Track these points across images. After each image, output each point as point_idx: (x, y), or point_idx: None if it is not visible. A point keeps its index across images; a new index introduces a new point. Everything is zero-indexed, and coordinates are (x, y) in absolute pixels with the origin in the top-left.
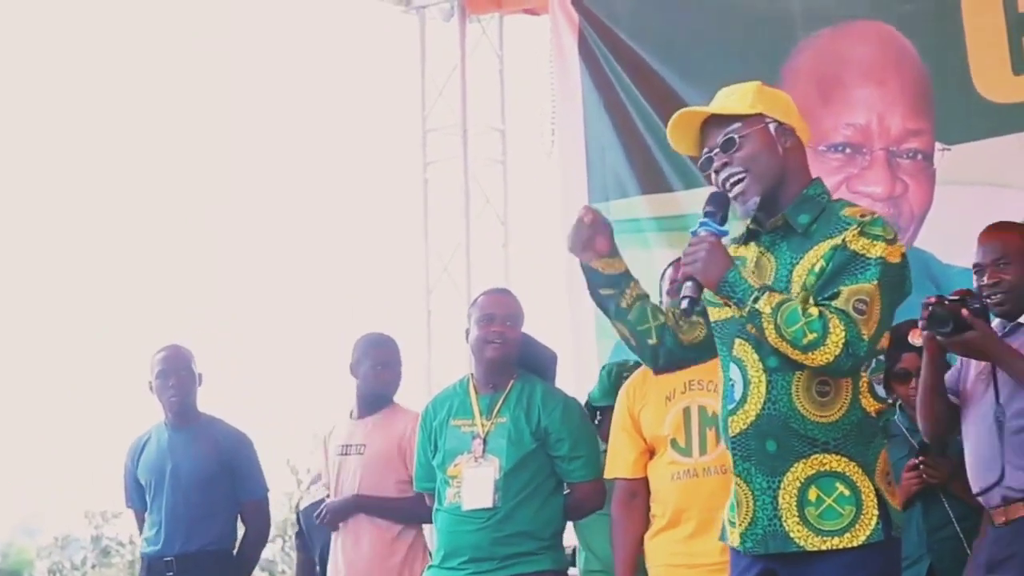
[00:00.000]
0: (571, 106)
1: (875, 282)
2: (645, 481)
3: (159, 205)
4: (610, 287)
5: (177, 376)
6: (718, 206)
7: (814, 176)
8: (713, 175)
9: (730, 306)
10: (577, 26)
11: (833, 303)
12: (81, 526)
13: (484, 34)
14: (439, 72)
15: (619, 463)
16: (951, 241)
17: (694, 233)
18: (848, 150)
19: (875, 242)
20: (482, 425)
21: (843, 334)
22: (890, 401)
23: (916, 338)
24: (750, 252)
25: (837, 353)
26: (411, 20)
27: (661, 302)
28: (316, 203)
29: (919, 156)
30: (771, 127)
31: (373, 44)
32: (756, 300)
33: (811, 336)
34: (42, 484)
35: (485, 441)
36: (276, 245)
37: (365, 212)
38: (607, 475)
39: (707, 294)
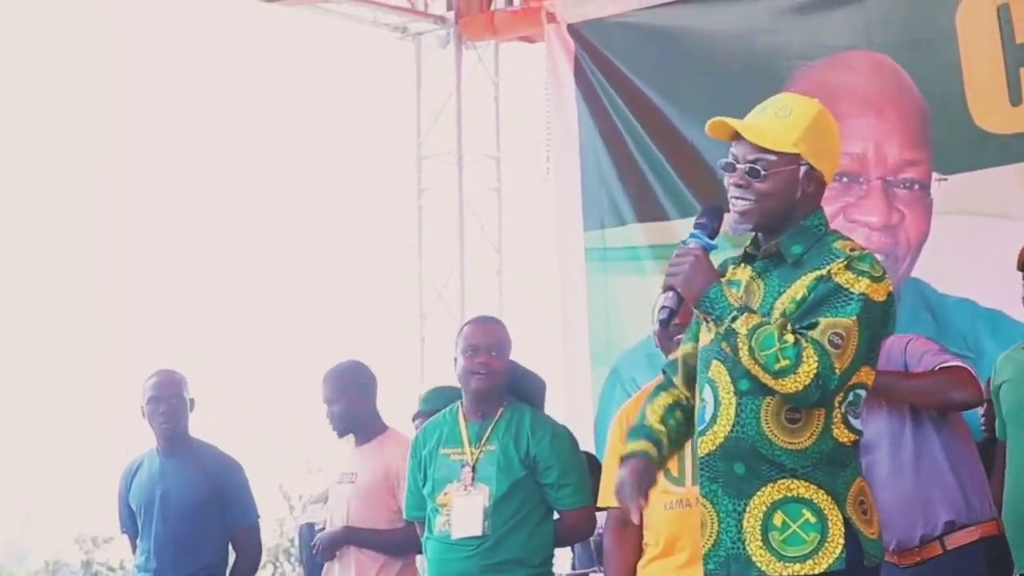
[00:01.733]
0: (567, 134)
1: (854, 317)
2: None
3: (149, 226)
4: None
5: (168, 402)
6: (712, 219)
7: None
8: (728, 178)
9: (708, 323)
10: (573, 54)
11: (810, 333)
12: (72, 551)
13: (480, 61)
14: (435, 99)
15: (612, 492)
16: (948, 271)
17: (684, 243)
18: (845, 179)
19: (860, 277)
20: (471, 453)
21: (816, 365)
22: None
23: None
24: (744, 275)
25: (807, 383)
26: (407, 47)
27: (654, 332)
28: (311, 228)
29: (916, 186)
30: (801, 171)
31: (369, 71)
32: (734, 319)
33: (783, 362)
34: (32, 508)
35: (474, 469)
36: (270, 269)
37: (360, 238)
38: (600, 504)
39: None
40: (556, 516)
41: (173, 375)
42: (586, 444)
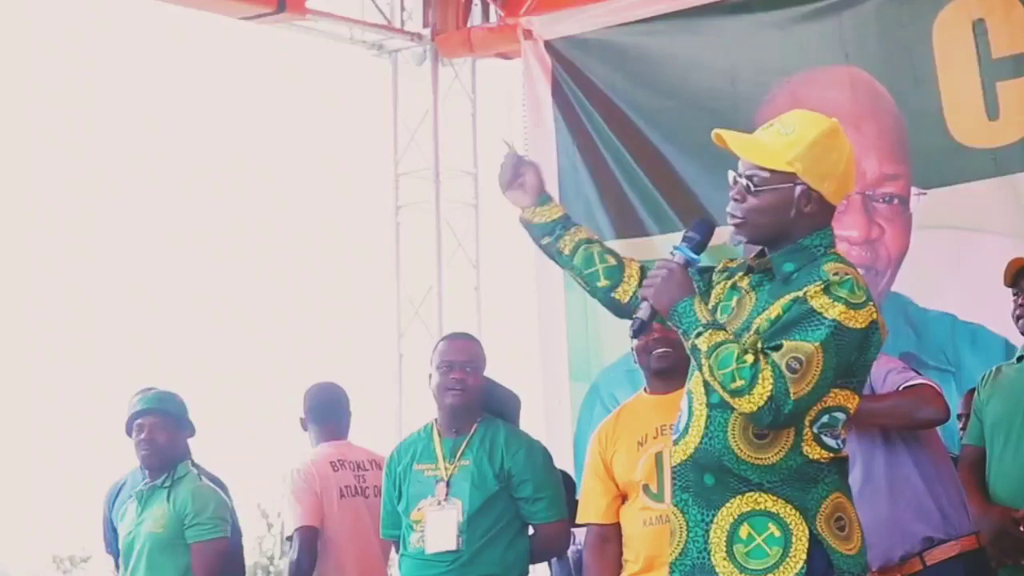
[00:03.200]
0: (544, 150)
1: (818, 343)
2: (617, 527)
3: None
4: (547, 234)
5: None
6: (700, 233)
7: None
8: (729, 189)
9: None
10: (550, 70)
11: (772, 355)
12: (49, 570)
13: (456, 78)
14: (411, 116)
15: (591, 508)
16: (928, 285)
17: (671, 254)
18: None
19: (835, 303)
20: (445, 469)
21: (770, 388)
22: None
23: None
24: (744, 284)
25: (760, 404)
26: (383, 64)
27: (632, 348)
28: (289, 244)
29: (895, 200)
30: (797, 190)
31: (346, 88)
32: (698, 335)
33: (739, 383)
34: (9, 527)
35: (448, 484)
36: (249, 286)
37: (337, 255)
38: (579, 520)
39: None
40: (532, 531)
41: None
42: (565, 461)
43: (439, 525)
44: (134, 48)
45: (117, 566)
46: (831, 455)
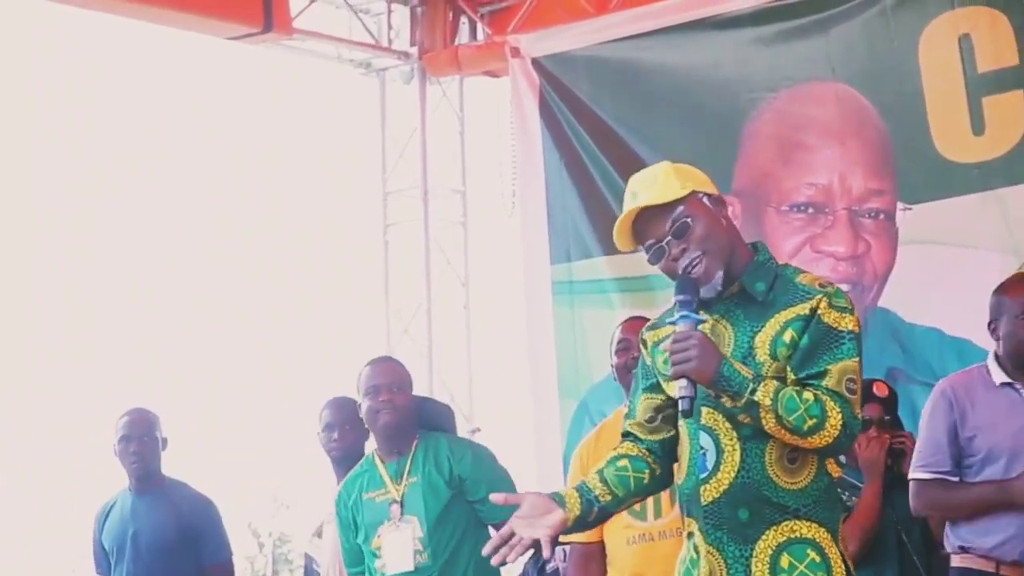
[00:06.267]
0: (532, 167)
1: (856, 358)
2: (601, 545)
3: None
4: (589, 514)
5: (140, 441)
6: (691, 293)
7: (756, 239)
8: (668, 263)
9: (721, 398)
10: (538, 88)
11: (823, 383)
12: None
13: (444, 96)
14: (400, 134)
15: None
16: (914, 300)
17: (672, 322)
18: (811, 210)
19: (844, 315)
20: (396, 490)
21: (840, 416)
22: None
23: (880, 391)
24: (708, 319)
25: (836, 435)
26: (371, 82)
27: (612, 365)
28: (278, 264)
29: (881, 216)
30: (706, 201)
31: (334, 107)
32: (753, 392)
33: (811, 422)
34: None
35: (402, 504)
36: (238, 306)
37: (326, 274)
38: (562, 539)
39: (659, 366)
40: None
41: (145, 413)
42: (555, 478)
43: (396, 546)
44: (132, 50)
45: None
46: (840, 472)
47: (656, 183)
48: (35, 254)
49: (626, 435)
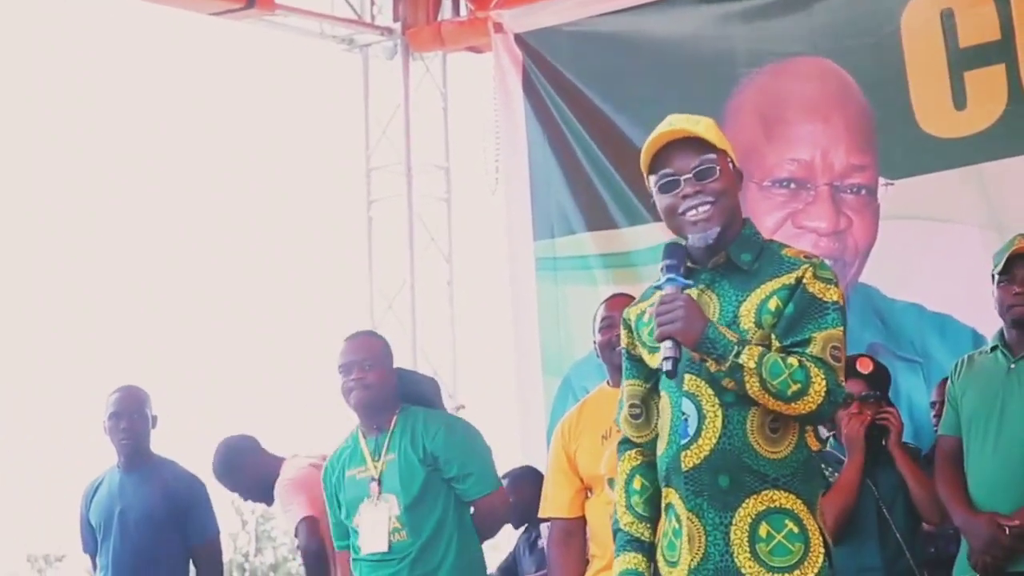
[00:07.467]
0: (515, 143)
1: (841, 328)
2: (582, 521)
3: (104, 245)
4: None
5: (129, 418)
6: (678, 258)
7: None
8: (675, 199)
9: (706, 361)
10: (521, 64)
11: (808, 350)
12: (24, 570)
13: (428, 72)
14: (383, 110)
15: (555, 502)
16: (896, 275)
17: (658, 287)
18: (792, 185)
19: (828, 286)
20: (375, 467)
21: (824, 383)
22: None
23: (864, 367)
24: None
25: (820, 401)
26: (354, 59)
27: (595, 342)
28: (261, 241)
29: (863, 191)
30: (732, 167)
31: (316, 83)
32: (737, 354)
33: (795, 387)
34: None
35: (380, 482)
36: (222, 284)
37: (309, 250)
38: (541, 514)
39: (643, 338)
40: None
41: (135, 391)
42: (539, 455)
43: (372, 525)
44: (129, 48)
45: (95, 565)
46: (820, 446)
47: (699, 125)
48: (43, 234)
49: (623, 443)
